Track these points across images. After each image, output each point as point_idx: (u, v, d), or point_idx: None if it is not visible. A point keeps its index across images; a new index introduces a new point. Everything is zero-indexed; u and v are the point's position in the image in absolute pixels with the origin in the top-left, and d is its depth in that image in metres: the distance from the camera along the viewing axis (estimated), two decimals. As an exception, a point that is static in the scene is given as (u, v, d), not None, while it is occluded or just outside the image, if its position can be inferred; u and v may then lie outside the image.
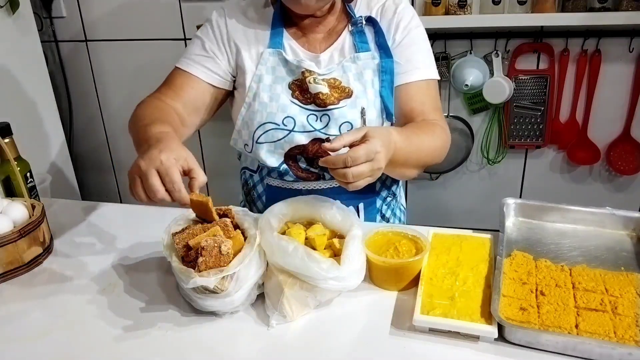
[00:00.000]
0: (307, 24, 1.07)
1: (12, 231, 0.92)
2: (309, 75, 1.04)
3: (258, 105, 1.05)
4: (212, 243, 0.75)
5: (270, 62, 1.06)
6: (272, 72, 1.06)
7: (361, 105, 1.04)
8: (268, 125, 1.05)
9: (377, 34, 1.07)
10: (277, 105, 1.04)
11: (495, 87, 1.77)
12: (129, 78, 2.13)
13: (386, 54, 1.06)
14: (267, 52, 1.06)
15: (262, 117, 1.05)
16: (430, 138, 1.01)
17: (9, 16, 1.73)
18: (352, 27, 1.07)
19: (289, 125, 1.04)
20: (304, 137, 1.05)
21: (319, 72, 1.05)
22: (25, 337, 0.78)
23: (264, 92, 1.05)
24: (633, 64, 1.73)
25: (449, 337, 0.73)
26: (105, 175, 2.37)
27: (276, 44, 1.06)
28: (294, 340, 0.75)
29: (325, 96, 1.03)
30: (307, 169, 1.10)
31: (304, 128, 1.05)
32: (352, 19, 1.07)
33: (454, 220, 2.08)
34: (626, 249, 0.89)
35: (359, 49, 1.06)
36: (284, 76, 1.06)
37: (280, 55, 1.06)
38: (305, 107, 1.04)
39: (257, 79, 1.06)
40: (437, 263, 0.85)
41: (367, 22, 1.07)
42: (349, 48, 1.07)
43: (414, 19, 1.09)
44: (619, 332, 0.70)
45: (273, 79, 1.06)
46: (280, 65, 1.06)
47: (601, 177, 1.92)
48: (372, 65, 1.06)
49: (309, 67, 1.04)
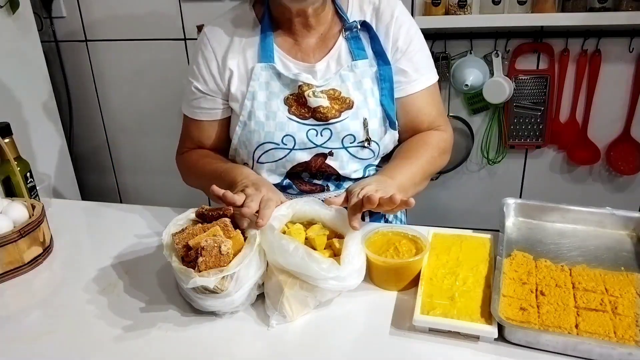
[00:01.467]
0: (298, 28, 1.03)
1: (12, 231, 0.92)
2: (307, 89, 0.99)
3: (254, 124, 1.02)
4: (212, 243, 0.75)
5: (262, 77, 1.02)
6: (265, 87, 1.02)
7: (363, 115, 1.01)
8: (267, 145, 1.02)
9: (373, 39, 1.03)
10: (274, 123, 1.01)
11: (495, 87, 1.77)
12: (129, 78, 2.13)
13: (383, 61, 1.02)
14: (258, 67, 1.01)
15: (261, 137, 1.02)
16: (425, 152, 1.05)
17: (9, 16, 1.73)
18: (347, 32, 1.03)
19: (289, 144, 1.01)
20: (306, 154, 1.03)
21: (316, 84, 1.00)
22: (25, 337, 0.78)
23: (259, 110, 1.01)
24: (633, 64, 1.73)
25: (449, 337, 0.73)
26: (105, 175, 2.37)
27: (267, 58, 1.01)
28: (294, 340, 0.75)
29: (326, 109, 0.99)
30: (311, 182, 1.08)
31: (304, 145, 1.02)
32: (346, 23, 1.03)
33: (454, 220, 2.08)
34: (626, 249, 0.89)
35: (355, 57, 1.02)
36: (279, 91, 1.02)
37: (273, 69, 1.01)
38: (303, 122, 1.01)
39: (250, 96, 1.02)
40: (437, 263, 0.85)
41: (362, 27, 1.03)
42: (345, 56, 1.03)
43: (413, 24, 1.06)
44: (619, 332, 0.70)
45: (267, 95, 1.02)
46: (274, 80, 1.02)
47: (601, 177, 1.93)
48: (371, 73, 1.02)
49: (306, 80, 1.00)
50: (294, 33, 1.04)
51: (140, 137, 2.23)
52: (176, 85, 1.97)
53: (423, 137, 1.08)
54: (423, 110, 1.08)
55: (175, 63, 2.03)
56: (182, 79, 1.13)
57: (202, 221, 0.86)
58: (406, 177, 0.99)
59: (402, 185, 0.96)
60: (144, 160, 2.28)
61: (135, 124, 2.22)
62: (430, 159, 1.05)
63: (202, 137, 1.12)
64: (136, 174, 2.34)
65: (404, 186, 0.97)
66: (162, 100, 2.11)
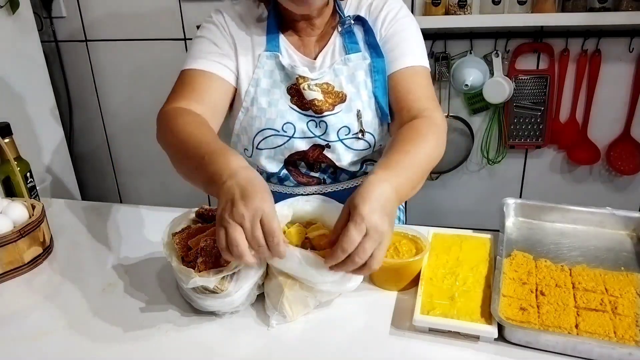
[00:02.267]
0: (302, 27, 1.05)
1: (12, 231, 0.92)
2: (302, 82, 1.02)
3: (257, 110, 1.04)
4: (212, 243, 0.75)
5: (267, 66, 1.04)
6: (269, 75, 1.04)
7: (356, 108, 1.03)
8: (268, 132, 1.04)
9: (367, 33, 1.05)
10: (276, 111, 1.03)
11: (495, 87, 1.77)
12: (129, 78, 2.13)
13: (377, 54, 1.04)
14: (264, 55, 1.04)
15: (261, 123, 1.03)
16: (419, 150, 0.89)
17: (9, 16, 1.73)
18: (341, 27, 1.05)
19: (288, 132, 1.03)
20: (304, 143, 1.04)
21: (311, 77, 1.03)
22: (25, 337, 0.78)
23: (262, 96, 1.03)
24: (633, 64, 1.73)
25: (449, 337, 0.73)
26: (105, 175, 2.37)
27: (273, 47, 1.04)
28: (294, 340, 0.75)
29: (320, 103, 1.01)
30: (308, 174, 1.10)
31: (304, 134, 1.04)
32: (341, 19, 1.05)
33: (454, 220, 2.08)
34: (626, 249, 0.89)
35: (349, 50, 1.04)
36: (282, 80, 1.04)
37: (277, 58, 1.03)
38: (304, 113, 1.03)
39: (254, 83, 1.04)
40: (437, 263, 0.85)
41: (356, 21, 1.05)
42: (339, 50, 1.05)
43: (402, 11, 1.06)
44: (619, 332, 0.70)
45: (271, 83, 1.04)
46: (277, 69, 1.04)
47: (601, 177, 1.93)
48: (364, 65, 1.04)
49: (302, 73, 1.02)
50: (299, 31, 1.07)
51: (140, 137, 2.23)
52: (176, 85, 1.97)
53: (417, 127, 0.95)
54: (407, 89, 1.01)
55: (175, 63, 2.01)
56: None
57: (202, 221, 0.86)
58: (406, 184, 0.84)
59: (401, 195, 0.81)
60: (144, 160, 2.28)
61: (135, 124, 2.22)
62: (429, 152, 0.92)
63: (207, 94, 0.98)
64: (136, 174, 2.34)
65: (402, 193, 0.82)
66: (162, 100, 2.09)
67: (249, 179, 0.73)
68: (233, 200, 0.70)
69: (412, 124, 0.96)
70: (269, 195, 0.72)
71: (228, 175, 0.73)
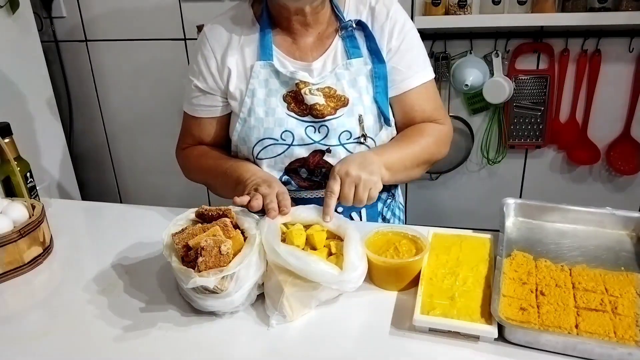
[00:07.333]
0: (296, 27, 1.05)
1: (12, 231, 0.92)
2: (303, 87, 1.02)
3: (254, 120, 1.04)
4: (211, 243, 0.75)
5: (262, 75, 1.04)
6: (264, 85, 1.04)
7: (358, 112, 1.03)
8: (267, 141, 1.04)
9: (368, 38, 1.05)
10: (273, 119, 1.03)
11: (495, 87, 1.77)
12: (129, 78, 2.13)
13: (378, 59, 1.05)
14: (257, 65, 1.04)
15: (260, 133, 1.04)
16: (419, 138, 1.07)
17: (9, 16, 1.73)
18: (342, 31, 1.05)
19: (287, 140, 1.04)
20: (304, 150, 1.05)
21: (312, 82, 1.03)
22: (25, 337, 0.78)
23: (258, 106, 1.04)
24: (633, 64, 1.73)
25: (449, 337, 0.73)
26: (105, 175, 2.37)
27: (266, 56, 1.04)
28: (294, 340, 0.75)
29: (322, 107, 1.02)
30: (309, 178, 1.09)
31: (303, 141, 1.04)
32: (342, 23, 1.05)
33: (454, 220, 2.08)
34: (626, 249, 0.89)
35: (350, 55, 1.05)
36: (278, 88, 1.04)
37: (271, 67, 1.04)
38: (302, 119, 1.03)
39: (250, 94, 1.04)
40: (437, 263, 0.85)
41: (357, 25, 1.05)
42: (340, 54, 1.05)
43: (407, 22, 1.08)
44: (619, 332, 0.70)
45: (267, 92, 1.04)
46: (273, 78, 1.04)
47: (601, 177, 1.92)
48: (365, 71, 1.05)
49: (303, 78, 1.03)
50: (292, 32, 1.06)
51: (140, 137, 2.23)
52: (176, 85, 1.97)
53: (419, 126, 1.11)
54: (417, 107, 1.10)
55: (175, 63, 2.03)
56: (182, 79, 1.14)
57: (202, 221, 0.86)
58: (395, 158, 1.02)
59: (389, 164, 1.00)
60: (144, 160, 2.28)
61: (135, 124, 2.22)
62: (425, 145, 1.07)
63: (202, 134, 1.14)
64: (136, 174, 2.34)
65: (392, 166, 1.00)
66: (162, 100, 2.11)
67: (267, 174, 1.02)
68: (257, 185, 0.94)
69: (417, 125, 1.10)
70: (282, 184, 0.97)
71: (249, 175, 1.00)
